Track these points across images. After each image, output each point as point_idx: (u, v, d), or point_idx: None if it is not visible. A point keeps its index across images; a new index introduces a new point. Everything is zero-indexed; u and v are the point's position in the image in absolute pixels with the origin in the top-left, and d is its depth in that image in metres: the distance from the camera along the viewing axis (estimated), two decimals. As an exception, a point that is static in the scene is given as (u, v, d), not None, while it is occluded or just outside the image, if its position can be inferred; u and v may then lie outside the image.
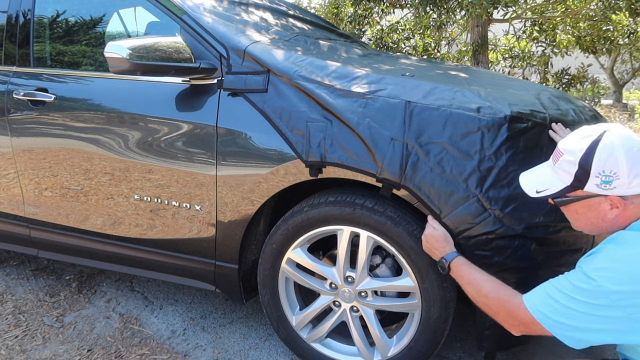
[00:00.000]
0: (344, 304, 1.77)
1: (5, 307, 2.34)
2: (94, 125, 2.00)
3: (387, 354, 1.73)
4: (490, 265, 1.49)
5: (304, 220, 1.71)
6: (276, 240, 1.78)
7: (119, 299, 2.42)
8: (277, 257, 1.80)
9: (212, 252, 1.92)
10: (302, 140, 1.63)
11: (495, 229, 1.46)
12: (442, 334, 1.65)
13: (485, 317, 1.57)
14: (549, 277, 1.25)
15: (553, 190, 1.23)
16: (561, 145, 1.24)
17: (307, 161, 1.62)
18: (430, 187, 1.49)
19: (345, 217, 1.64)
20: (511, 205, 1.46)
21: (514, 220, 1.46)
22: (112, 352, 2.00)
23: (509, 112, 1.50)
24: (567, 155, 1.20)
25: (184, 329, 2.17)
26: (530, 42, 6.49)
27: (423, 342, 1.67)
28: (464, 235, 1.49)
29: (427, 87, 1.60)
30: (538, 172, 1.31)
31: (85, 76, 2.09)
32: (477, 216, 1.46)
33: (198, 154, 1.82)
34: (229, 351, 2.01)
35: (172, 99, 1.87)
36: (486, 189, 1.46)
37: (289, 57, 1.77)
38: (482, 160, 1.47)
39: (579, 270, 1.14)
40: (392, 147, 1.52)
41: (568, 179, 1.20)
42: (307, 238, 1.74)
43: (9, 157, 2.24)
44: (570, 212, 1.27)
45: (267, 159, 1.71)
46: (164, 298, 2.43)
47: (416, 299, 1.63)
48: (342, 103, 1.61)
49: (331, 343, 1.87)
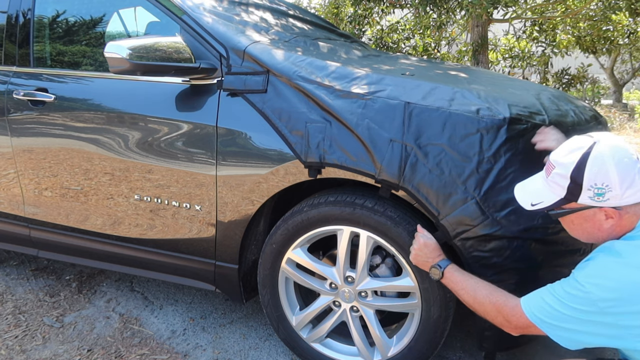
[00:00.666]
0: (344, 304, 1.77)
1: (5, 307, 2.34)
2: (94, 125, 2.00)
3: (387, 354, 1.73)
4: (489, 267, 1.49)
5: (304, 220, 1.71)
6: (276, 240, 1.78)
7: (119, 299, 2.42)
8: (277, 257, 1.80)
9: (212, 252, 1.92)
10: (301, 141, 1.63)
11: (493, 231, 1.46)
12: (442, 334, 1.65)
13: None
14: (548, 278, 1.25)
15: (547, 203, 1.25)
16: (553, 157, 1.25)
17: (306, 162, 1.62)
18: (428, 189, 1.49)
19: (345, 217, 1.64)
20: (510, 207, 1.46)
21: (512, 222, 1.46)
22: (112, 352, 2.00)
23: (507, 114, 1.50)
24: (559, 168, 1.21)
25: (184, 329, 2.17)
26: (530, 42, 6.49)
27: (423, 342, 1.67)
28: (462, 237, 1.49)
29: (427, 88, 1.60)
30: (532, 185, 1.31)
31: (85, 76, 2.09)
32: (475, 218, 1.46)
33: (198, 154, 1.82)
34: (229, 351, 2.01)
35: (172, 99, 1.87)
36: (485, 191, 1.46)
37: (288, 57, 1.77)
38: (481, 162, 1.47)
39: (572, 277, 1.17)
40: (391, 148, 1.52)
41: (561, 192, 1.21)
42: (307, 238, 1.74)
43: (9, 157, 2.24)
44: (566, 222, 1.28)
45: (267, 159, 1.71)
46: (164, 298, 2.43)
47: (416, 299, 1.64)
48: (341, 104, 1.61)
49: (331, 343, 1.87)
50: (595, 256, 1.17)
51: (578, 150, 1.19)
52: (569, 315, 1.14)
